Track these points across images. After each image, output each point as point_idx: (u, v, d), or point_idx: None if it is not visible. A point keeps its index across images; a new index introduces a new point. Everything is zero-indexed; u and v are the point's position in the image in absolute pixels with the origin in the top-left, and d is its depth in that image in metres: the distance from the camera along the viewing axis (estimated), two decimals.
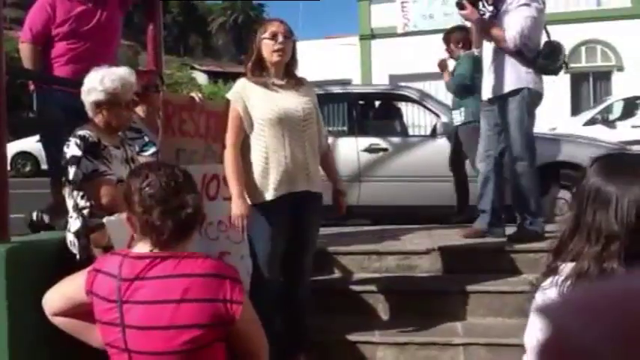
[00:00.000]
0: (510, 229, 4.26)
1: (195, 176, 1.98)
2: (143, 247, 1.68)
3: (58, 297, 1.81)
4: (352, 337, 3.47)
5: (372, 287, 3.79)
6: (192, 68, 24.35)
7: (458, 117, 5.21)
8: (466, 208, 5.20)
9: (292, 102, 3.04)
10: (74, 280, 1.77)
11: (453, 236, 4.37)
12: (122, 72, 2.97)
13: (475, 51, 4.93)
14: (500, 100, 4.19)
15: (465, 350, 3.34)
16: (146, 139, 3.50)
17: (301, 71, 3.22)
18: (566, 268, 1.35)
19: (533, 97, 4.18)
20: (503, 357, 3.13)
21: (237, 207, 2.89)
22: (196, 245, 1.94)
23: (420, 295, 3.72)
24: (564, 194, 5.00)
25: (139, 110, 3.59)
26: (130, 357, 1.59)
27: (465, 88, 5.08)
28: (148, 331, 1.56)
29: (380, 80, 17.18)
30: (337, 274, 4.07)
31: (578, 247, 1.31)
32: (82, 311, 1.72)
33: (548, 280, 1.38)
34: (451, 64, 5.48)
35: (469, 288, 3.67)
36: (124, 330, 1.58)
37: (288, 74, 3.10)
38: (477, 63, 4.83)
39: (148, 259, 1.63)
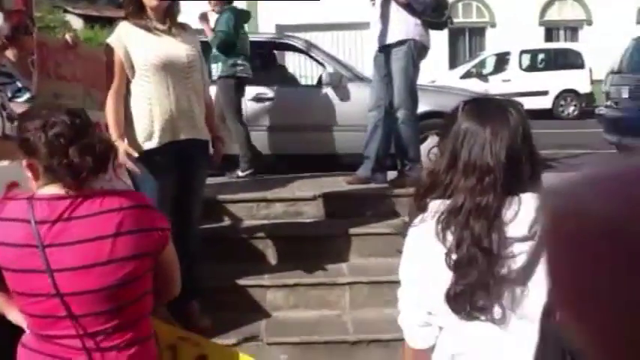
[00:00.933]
0: (393, 176, 4.49)
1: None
2: (53, 190, 1.59)
3: None
4: (243, 282, 3.56)
5: (261, 233, 3.88)
6: (66, 11, 22.65)
7: (214, 71, 5.03)
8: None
9: (176, 48, 2.98)
10: None
11: (339, 183, 4.53)
12: None
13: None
14: (388, 49, 4.34)
15: (350, 288, 3.55)
16: (19, 84, 3.28)
17: (185, 19, 3.15)
18: (435, 204, 1.48)
19: (419, 49, 4.37)
20: (384, 292, 3.35)
21: (120, 151, 2.80)
22: None
23: (307, 240, 3.86)
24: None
25: (10, 54, 3.35)
26: (63, 301, 1.53)
27: (228, 43, 4.90)
28: (84, 271, 1.52)
29: (266, 30, 16.96)
30: (226, 221, 4.11)
31: (454, 181, 1.43)
32: None
33: (419, 217, 1.49)
34: (213, 17, 5.20)
35: (353, 231, 3.86)
36: (52, 274, 1.52)
37: (170, 19, 3.01)
38: (242, 17, 4.85)
39: (68, 199, 1.56)
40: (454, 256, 1.39)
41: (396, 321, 1.56)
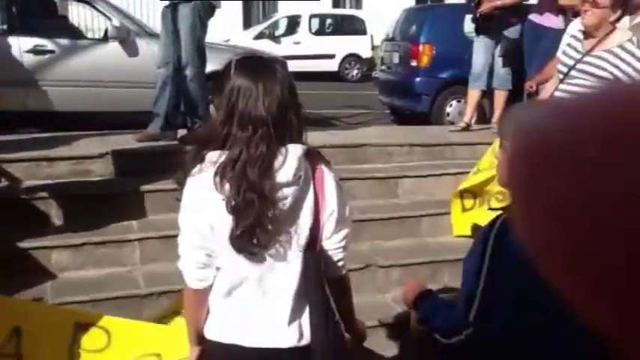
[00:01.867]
0: (183, 133, 4.55)
1: None
2: None
3: None
4: (25, 245, 3.40)
5: (44, 194, 3.71)
6: None
7: None
8: None
9: None
10: None
11: (127, 140, 4.47)
12: None
13: None
14: (175, 6, 4.33)
15: (140, 244, 3.58)
16: None
17: None
18: (214, 155, 1.59)
19: (206, 8, 4.42)
20: (174, 246, 3.44)
21: None
22: None
23: (94, 198, 3.79)
24: None
25: None
26: None
27: None
28: None
29: None
30: (3, 183, 3.84)
31: (231, 133, 1.55)
32: None
33: (197, 168, 1.60)
34: None
35: (143, 188, 3.87)
36: None
37: None
38: None
39: None
40: (233, 202, 1.53)
41: None
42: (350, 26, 16.30)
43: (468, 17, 6.05)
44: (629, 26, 3.84)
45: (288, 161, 1.56)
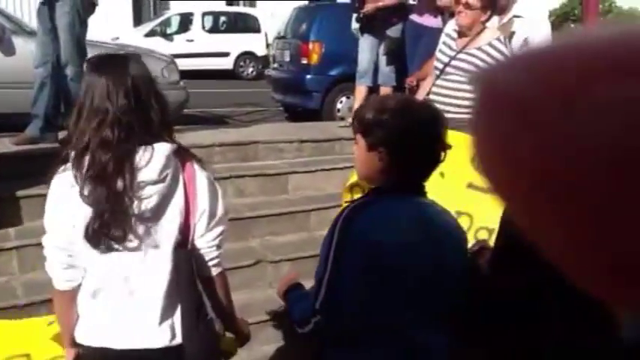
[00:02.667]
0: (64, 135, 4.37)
1: None
2: None
3: None
4: None
5: None
6: None
7: None
8: None
9: None
10: None
11: (4, 144, 4.23)
12: None
13: None
14: (52, 3, 4.15)
15: (18, 252, 3.41)
16: None
17: None
18: (74, 153, 1.57)
19: (85, 5, 4.26)
20: None
21: None
22: None
23: None
24: None
25: None
26: None
27: None
28: None
29: None
30: None
31: (80, 128, 1.55)
32: None
33: (62, 167, 1.60)
34: None
35: (20, 193, 3.69)
36: None
37: None
38: None
39: None
40: (87, 198, 1.53)
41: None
42: (244, 24, 16.24)
43: (354, 16, 6.23)
44: (497, 25, 4.12)
45: (154, 159, 1.57)
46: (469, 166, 3.10)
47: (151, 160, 1.57)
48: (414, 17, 5.63)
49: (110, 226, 1.54)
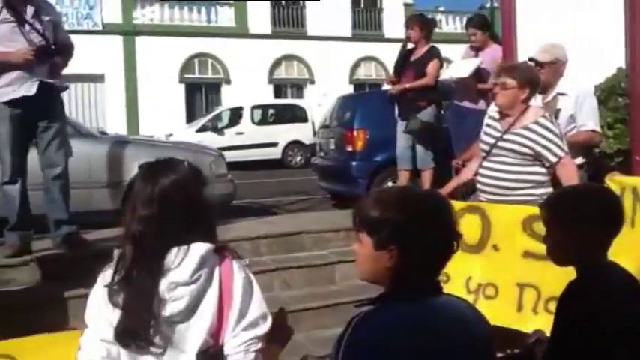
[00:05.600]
0: None
1: None
2: None
3: None
4: None
5: None
6: None
7: None
8: None
9: None
10: None
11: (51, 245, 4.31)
12: None
13: None
14: None
15: None
16: None
17: None
18: (117, 253, 1.60)
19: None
20: None
21: None
22: None
23: (17, 309, 3.60)
24: None
25: None
26: None
27: None
28: None
29: None
30: None
31: (127, 230, 1.59)
32: None
33: (107, 265, 1.62)
34: None
35: (67, 294, 3.72)
36: None
37: None
38: None
39: None
40: (118, 299, 1.54)
41: None
42: (291, 114, 16.72)
43: None
44: (541, 104, 4.07)
45: (187, 260, 1.56)
46: (521, 234, 2.99)
47: (183, 261, 1.56)
48: (456, 101, 5.67)
49: (136, 328, 1.52)
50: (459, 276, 2.85)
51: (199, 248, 1.58)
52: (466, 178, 3.61)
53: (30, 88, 4.01)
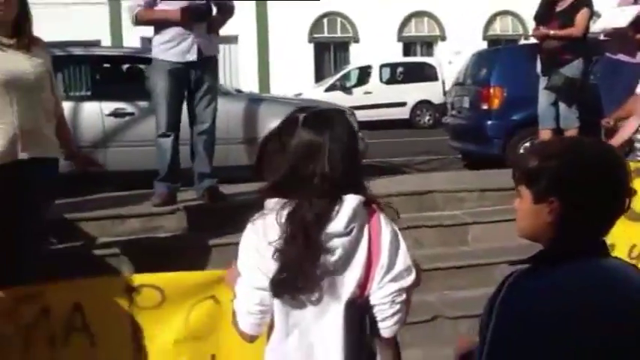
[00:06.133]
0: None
1: None
2: None
3: None
4: None
5: (116, 250, 3.84)
6: None
7: None
8: None
9: (23, 64, 2.89)
10: None
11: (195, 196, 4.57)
12: None
13: None
14: None
15: None
16: None
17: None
18: (272, 202, 1.60)
19: None
20: None
21: None
22: None
23: (162, 254, 3.87)
24: None
25: None
26: None
27: None
28: None
29: (131, 42, 16.53)
30: (80, 240, 4.02)
31: (293, 183, 1.56)
32: None
33: (258, 213, 1.61)
34: None
35: (211, 242, 3.94)
36: None
37: (18, 32, 2.92)
38: None
39: None
40: (281, 247, 1.54)
41: None
42: (421, 73, 16.33)
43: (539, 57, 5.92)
44: None
45: (342, 212, 1.56)
46: None
47: (340, 213, 1.56)
48: (609, 54, 5.20)
49: (297, 278, 1.54)
50: (623, 244, 2.69)
51: (352, 200, 1.57)
52: (627, 136, 3.33)
53: (189, 51, 4.22)
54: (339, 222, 1.55)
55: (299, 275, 1.53)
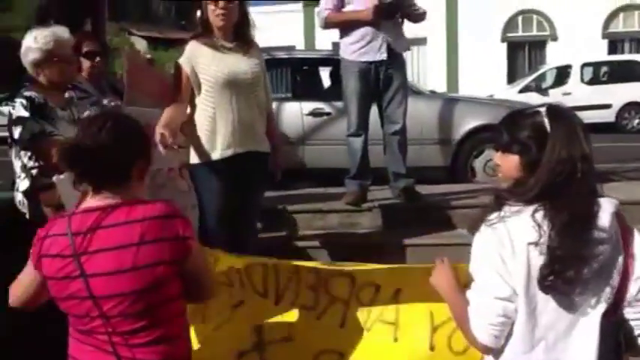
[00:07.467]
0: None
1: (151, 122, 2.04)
2: (91, 202, 1.76)
3: (20, 289, 1.83)
4: None
5: (316, 243, 4.00)
6: (130, 33, 23.61)
7: None
8: None
9: (241, 65, 3.12)
10: (27, 269, 1.80)
11: (390, 195, 4.59)
12: (54, 29, 3.02)
13: None
14: None
15: None
16: (94, 99, 3.52)
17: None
18: (515, 206, 1.54)
19: None
20: None
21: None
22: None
23: (359, 249, 3.94)
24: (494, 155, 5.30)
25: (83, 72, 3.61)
26: (96, 303, 1.67)
27: None
28: (114, 276, 1.66)
29: (323, 47, 17.23)
30: (285, 231, 4.26)
31: (542, 180, 1.50)
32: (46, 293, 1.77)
33: (495, 214, 1.55)
34: None
35: (406, 241, 3.92)
36: (86, 279, 1.66)
37: (238, 36, 3.17)
38: None
39: (97, 211, 1.71)
40: (551, 250, 1.47)
41: None
42: (629, 72, 14.80)
43: None
44: None
45: (602, 217, 1.48)
46: None
47: (599, 218, 1.49)
48: None
49: (568, 270, 1.45)
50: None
51: (610, 205, 1.51)
52: None
53: (380, 49, 4.27)
54: (600, 227, 1.47)
55: (571, 268, 1.45)
